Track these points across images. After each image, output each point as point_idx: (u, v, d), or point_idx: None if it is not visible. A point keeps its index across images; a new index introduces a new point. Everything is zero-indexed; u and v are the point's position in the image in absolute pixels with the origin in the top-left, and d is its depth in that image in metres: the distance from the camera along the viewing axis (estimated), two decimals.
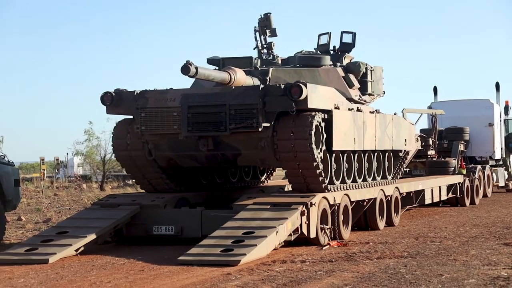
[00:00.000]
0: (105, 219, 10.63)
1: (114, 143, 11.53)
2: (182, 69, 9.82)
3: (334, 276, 8.04)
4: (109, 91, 11.22)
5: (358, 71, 12.88)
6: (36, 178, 36.32)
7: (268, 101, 10.44)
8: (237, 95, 10.57)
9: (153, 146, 11.19)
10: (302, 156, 10.41)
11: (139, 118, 10.91)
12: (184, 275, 8.19)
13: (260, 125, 10.39)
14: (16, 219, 16.39)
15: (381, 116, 12.90)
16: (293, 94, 10.31)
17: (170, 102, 10.80)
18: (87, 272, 8.58)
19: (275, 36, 12.57)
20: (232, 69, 10.91)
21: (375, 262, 8.99)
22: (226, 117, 10.51)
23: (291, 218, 9.93)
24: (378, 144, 12.64)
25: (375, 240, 11.22)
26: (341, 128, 11.11)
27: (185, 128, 10.66)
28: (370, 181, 12.50)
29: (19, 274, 8.58)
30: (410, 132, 14.51)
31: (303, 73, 12.10)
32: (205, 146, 10.79)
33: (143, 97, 10.97)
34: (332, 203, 11.03)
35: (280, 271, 8.36)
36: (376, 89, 13.56)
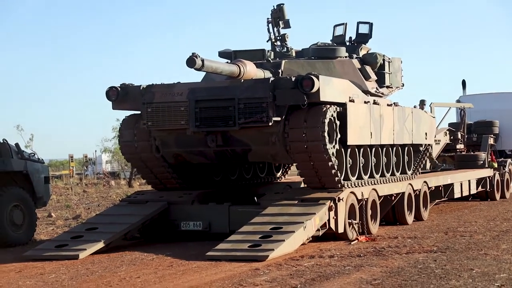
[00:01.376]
0: (134, 216, 10.71)
1: (120, 139, 11.34)
2: (188, 62, 9.44)
3: (363, 271, 8.00)
4: (114, 86, 10.93)
5: (375, 63, 12.44)
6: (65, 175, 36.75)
7: (278, 94, 10.08)
8: (246, 89, 10.22)
9: (161, 142, 10.94)
10: (314, 149, 10.05)
11: (146, 113, 10.61)
12: (213, 271, 8.22)
13: (270, 120, 10.04)
14: (46, 215, 16.61)
15: (400, 109, 12.49)
16: (305, 86, 9.94)
17: (177, 97, 10.48)
18: (116, 268, 8.65)
19: (289, 27, 12.20)
20: (241, 61, 10.55)
21: (404, 256, 8.92)
22: (235, 112, 10.15)
23: (319, 213, 9.89)
24: (396, 138, 12.22)
25: (403, 234, 11.14)
26: (356, 121, 10.73)
27: (193, 124, 10.36)
28: (388, 177, 12.12)
29: (50, 269, 8.69)
30: (430, 125, 14.06)
31: (317, 65, 11.70)
32: (213, 142, 10.52)
33: (149, 91, 10.69)
34: (360, 198, 10.97)
35: (309, 266, 8.34)
36: (394, 81, 13.13)
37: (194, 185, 11.78)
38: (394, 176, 12.36)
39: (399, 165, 12.68)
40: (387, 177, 12.09)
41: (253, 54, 11.60)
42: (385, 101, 12.29)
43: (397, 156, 12.60)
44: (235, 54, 11.74)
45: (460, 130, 18.42)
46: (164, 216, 10.92)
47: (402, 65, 13.59)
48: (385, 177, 12.01)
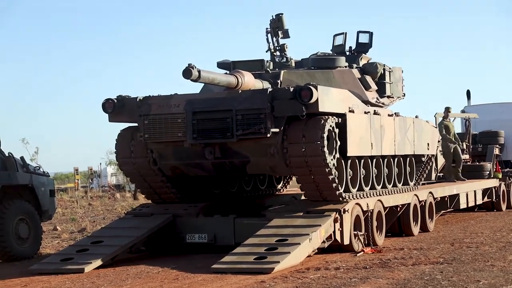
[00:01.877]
0: (139, 228, 10.70)
1: (117, 152, 11.14)
2: (184, 73, 9.28)
3: (369, 283, 7.97)
4: (110, 98, 10.77)
5: (375, 73, 12.29)
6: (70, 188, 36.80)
7: (276, 105, 9.92)
8: (244, 100, 10.07)
9: (158, 155, 10.76)
10: (314, 162, 9.91)
11: (142, 125, 10.46)
12: (218, 283, 8.20)
13: (268, 131, 9.89)
14: (52, 229, 16.61)
15: (401, 119, 12.34)
16: (303, 97, 9.77)
17: (174, 108, 10.33)
18: (122, 281, 8.64)
19: (288, 37, 12.07)
20: (239, 72, 10.42)
21: (410, 268, 8.89)
22: (233, 123, 10.02)
23: (324, 225, 9.87)
24: (398, 148, 12.04)
25: (409, 246, 11.09)
26: (356, 132, 10.59)
27: (190, 136, 10.21)
28: (390, 188, 11.94)
29: (55, 283, 8.68)
30: (432, 136, 13.87)
31: (317, 75, 11.58)
32: (211, 154, 10.35)
33: (146, 103, 10.52)
34: (365, 209, 10.94)
35: (314, 278, 8.31)
36: (395, 91, 12.98)
37: (193, 198, 11.64)
38: (396, 188, 12.23)
39: (401, 176, 12.50)
40: (389, 188, 11.96)
41: (252, 64, 11.53)
42: (386, 111, 12.14)
43: (398, 167, 12.47)
44: (234, 64, 11.66)
45: (465, 141, 18.37)
46: (169, 229, 10.91)
47: (403, 75, 13.44)
48: (387, 189, 11.88)
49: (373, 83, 12.20)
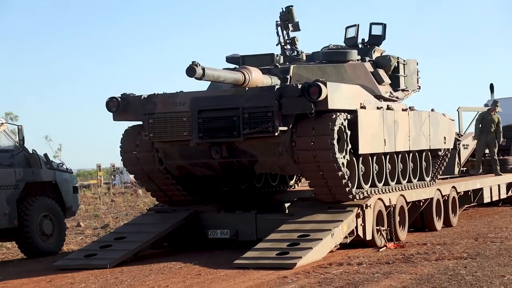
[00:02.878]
0: (161, 224, 10.75)
1: (122, 151, 10.78)
2: (188, 71, 8.95)
3: (392, 278, 7.93)
4: (114, 96, 10.51)
5: (388, 66, 11.86)
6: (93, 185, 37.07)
7: (284, 102, 9.61)
8: (251, 97, 9.78)
9: (164, 154, 10.46)
10: (324, 159, 9.58)
11: (147, 124, 10.18)
12: (241, 279, 8.21)
13: (276, 130, 9.58)
14: (75, 225, 16.77)
15: (416, 113, 11.96)
16: (312, 94, 9.46)
17: (180, 107, 10.03)
18: (145, 277, 8.69)
19: (298, 30, 11.69)
20: (246, 68, 10.06)
21: (433, 263, 8.83)
22: (240, 122, 9.70)
23: (346, 220, 9.83)
24: (412, 144, 11.70)
25: (432, 241, 11.02)
26: (368, 129, 10.25)
27: (196, 135, 9.91)
28: (405, 184, 11.61)
29: (80, 279, 8.76)
30: (449, 129, 13.43)
31: (328, 70, 11.21)
32: (218, 153, 10.06)
33: (150, 101, 10.25)
34: (388, 204, 10.88)
35: (337, 274, 8.29)
36: (410, 84, 12.53)
37: (203, 198, 11.37)
38: (411, 183, 11.94)
39: (416, 172, 12.15)
40: (403, 184, 11.59)
41: (261, 59, 11.25)
42: (400, 105, 11.82)
43: (414, 162, 12.08)
44: (243, 59, 11.37)
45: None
46: (191, 225, 10.95)
47: (418, 67, 13.00)
48: (401, 184, 11.58)
49: (386, 77, 11.84)
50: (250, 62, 11.06)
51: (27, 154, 11.85)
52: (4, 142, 11.67)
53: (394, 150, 11.09)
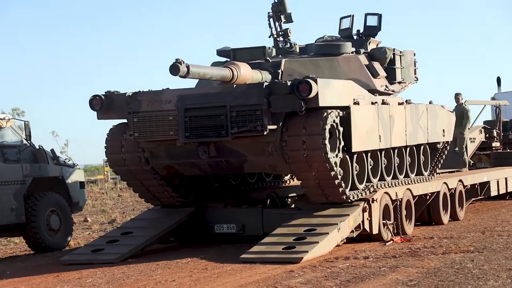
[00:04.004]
0: (168, 219, 10.76)
1: (107, 151, 10.39)
2: (171, 69, 8.57)
3: (399, 272, 7.92)
4: (98, 94, 10.10)
5: (384, 58, 11.42)
6: (100, 180, 37.16)
7: (273, 100, 9.24)
8: (239, 95, 9.41)
9: (150, 154, 10.06)
10: (315, 160, 9.28)
11: (132, 123, 9.77)
12: (247, 273, 8.23)
13: (265, 129, 9.22)
14: (82, 220, 16.83)
15: (412, 107, 11.62)
16: (302, 91, 9.08)
17: (165, 105, 9.65)
18: (152, 271, 8.72)
19: (291, 22, 11.35)
20: (234, 64, 9.73)
21: (440, 257, 8.82)
22: (227, 120, 9.35)
23: (352, 214, 9.83)
24: (409, 139, 11.40)
25: (439, 235, 11.00)
26: (362, 126, 9.93)
27: (182, 134, 9.54)
28: (402, 179, 11.31)
29: (87, 274, 8.80)
30: (449, 121, 13.11)
31: (320, 63, 10.82)
32: (206, 153, 9.66)
33: (135, 99, 9.83)
34: (394, 198, 10.87)
35: (343, 268, 8.30)
36: (407, 76, 12.09)
37: (192, 194, 11.05)
38: (409, 178, 11.59)
39: (414, 166, 11.86)
40: (400, 179, 11.28)
41: (253, 52, 10.93)
42: (396, 99, 11.44)
43: (411, 157, 11.77)
44: (234, 52, 11.06)
45: (495, 128, 18.15)
46: (198, 220, 10.96)
47: (416, 58, 12.49)
48: (398, 180, 11.20)
49: (382, 70, 11.43)
50: (241, 55, 10.85)
51: (34, 150, 11.90)
52: (11, 138, 11.72)
53: (389, 146, 10.82)
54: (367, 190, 10.28)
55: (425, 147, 12.43)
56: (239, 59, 10.81)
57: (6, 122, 11.76)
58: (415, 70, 12.52)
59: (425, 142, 12.22)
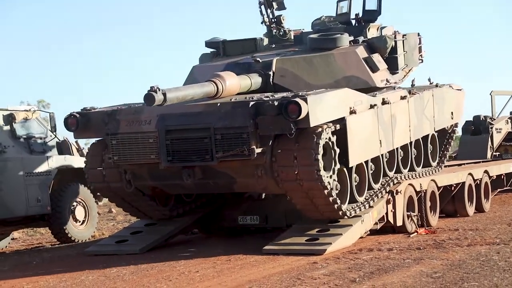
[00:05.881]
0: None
1: (87, 170, 9.78)
2: (146, 99, 7.89)
3: (423, 264, 7.87)
4: (73, 113, 9.41)
5: (384, 48, 10.64)
6: None
7: (261, 122, 8.45)
8: (224, 115, 8.64)
9: (132, 175, 9.41)
10: (310, 186, 8.65)
11: (111, 146, 9.11)
12: (270, 264, 8.23)
13: (253, 153, 8.48)
14: (107, 211, 16.98)
15: (416, 98, 10.97)
16: (290, 113, 8.26)
17: (145, 126, 8.92)
18: (175, 262, 8.76)
19: (284, 9, 10.82)
20: (218, 76, 8.98)
21: (465, 249, 8.73)
22: (212, 144, 8.62)
23: (376, 206, 9.78)
24: (414, 133, 10.87)
25: (464, 226, 10.90)
26: (359, 135, 9.28)
27: (165, 158, 8.83)
28: (406, 172, 10.82)
29: (111, 264, 8.86)
30: (457, 101, 12.42)
31: (315, 61, 10.07)
32: (190, 176, 8.96)
33: (113, 119, 9.14)
34: (419, 189, 10.79)
35: (367, 260, 8.26)
36: (410, 61, 11.36)
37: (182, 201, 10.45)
38: (414, 172, 11.13)
39: (420, 158, 11.41)
40: (405, 173, 10.78)
41: (243, 44, 10.50)
42: (398, 93, 10.66)
43: (417, 148, 11.30)
44: (224, 45, 10.65)
45: None
46: (221, 211, 10.98)
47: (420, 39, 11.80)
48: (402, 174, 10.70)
49: (382, 62, 10.63)
50: (230, 47, 10.49)
51: (59, 141, 12.01)
52: (37, 129, 11.83)
53: (391, 148, 10.25)
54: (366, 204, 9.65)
55: (433, 135, 11.96)
56: (229, 51, 10.54)
57: (32, 114, 11.89)
58: (420, 54, 11.84)
59: (431, 132, 11.77)
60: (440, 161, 12.34)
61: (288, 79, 9.90)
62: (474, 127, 17.30)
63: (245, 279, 7.51)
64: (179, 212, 10.38)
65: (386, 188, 10.14)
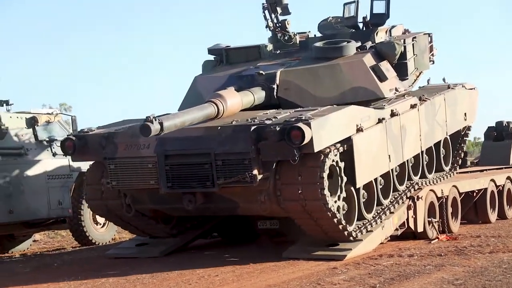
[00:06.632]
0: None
1: (86, 191, 9.55)
2: (142, 131, 7.56)
3: (444, 271, 7.79)
4: (70, 136, 9.15)
5: (393, 55, 10.25)
6: None
7: (262, 147, 8.07)
8: (224, 140, 8.30)
9: (132, 199, 9.15)
10: (313, 206, 8.29)
11: (109, 170, 8.81)
12: (290, 269, 8.21)
13: (255, 179, 8.15)
14: None
15: (427, 105, 10.60)
16: (293, 139, 7.89)
17: (144, 150, 8.58)
18: (195, 266, 8.77)
19: (288, 14, 10.56)
20: (219, 96, 8.70)
21: (487, 256, 8.64)
22: (213, 170, 8.30)
23: (397, 212, 9.72)
24: (425, 142, 10.53)
25: (486, 233, 10.79)
26: (367, 154, 8.91)
27: (164, 184, 8.54)
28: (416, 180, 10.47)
29: (131, 267, 8.90)
30: (470, 101, 12.11)
31: (320, 72, 9.72)
32: (192, 202, 8.68)
33: (111, 142, 8.80)
34: (440, 195, 10.70)
35: (387, 265, 8.20)
36: (421, 65, 11.01)
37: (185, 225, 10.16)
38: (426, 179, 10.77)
39: (432, 165, 11.10)
40: (415, 180, 10.43)
41: (247, 52, 10.31)
42: (407, 102, 10.21)
43: (429, 155, 11.01)
44: (227, 52, 10.45)
45: None
46: (241, 216, 10.96)
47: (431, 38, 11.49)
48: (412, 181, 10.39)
49: (391, 70, 10.25)
50: (234, 55, 10.32)
51: None
52: (59, 132, 11.94)
53: (401, 161, 9.87)
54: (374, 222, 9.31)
55: (446, 139, 11.65)
56: (232, 59, 10.36)
57: (54, 117, 12.00)
58: (431, 52, 11.54)
59: (444, 137, 11.47)
60: (453, 166, 12.06)
61: (292, 92, 9.60)
62: (496, 133, 17.14)
63: (264, 283, 7.50)
64: (181, 230, 10.06)
65: (394, 205, 9.76)
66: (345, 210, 8.64)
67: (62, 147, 9.20)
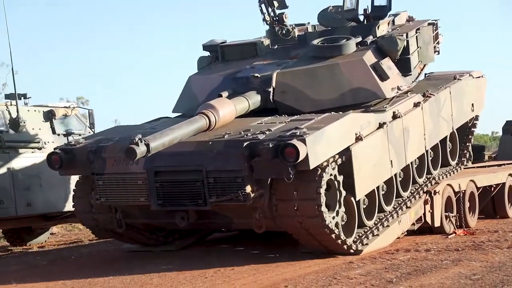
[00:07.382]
0: None
1: (74, 204, 9.23)
2: (127, 154, 7.16)
3: (461, 265, 7.75)
4: (56, 150, 8.68)
5: (395, 51, 9.82)
6: None
7: (256, 165, 7.69)
8: (216, 157, 7.90)
9: (123, 214, 8.86)
10: (310, 223, 7.99)
11: (97, 186, 8.46)
12: (306, 264, 8.20)
13: (248, 198, 7.79)
14: None
15: (431, 102, 10.16)
16: (288, 157, 7.48)
17: (133, 166, 8.13)
18: (211, 259, 8.79)
19: (285, 7, 10.28)
20: (210, 106, 8.36)
21: (505, 251, 8.58)
22: (204, 188, 7.93)
23: (414, 207, 9.68)
24: (429, 141, 10.15)
25: (504, 228, 10.72)
26: (367, 163, 8.52)
27: (155, 201, 8.21)
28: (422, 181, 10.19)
29: (148, 261, 8.94)
30: (478, 90, 11.73)
31: (319, 73, 9.33)
32: (184, 219, 8.45)
33: (99, 157, 8.39)
34: (457, 190, 10.64)
35: (404, 260, 8.17)
36: (425, 57, 10.57)
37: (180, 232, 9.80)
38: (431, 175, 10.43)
39: (437, 160, 10.73)
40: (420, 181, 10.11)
41: (243, 48, 10.02)
42: (410, 101, 9.79)
43: (434, 150, 10.62)
44: (222, 49, 10.18)
45: None
46: None
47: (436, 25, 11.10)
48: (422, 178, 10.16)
49: (393, 67, 9.84)
50: (229, 52, 10.06)
51: None
52: (76, 126, 12.00)
53: (404, 165, 9.50)
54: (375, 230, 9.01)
55: (452, 133, 11.27)
56: (228, 56, 10.10)
57: (71, 110, 12.05)
58: (436, 40, 11.10)
59: (450, 132, 11.09)
60: (460, 160, 11.67)
61: (289, 95, 9.24)
62: None
63: (280, 277, 7.50)
64: (175, 237, 9.81)
65: (398, 211, 9.47)
66: (344, 220, 8.33)
67: (48, 161, 8.70)
